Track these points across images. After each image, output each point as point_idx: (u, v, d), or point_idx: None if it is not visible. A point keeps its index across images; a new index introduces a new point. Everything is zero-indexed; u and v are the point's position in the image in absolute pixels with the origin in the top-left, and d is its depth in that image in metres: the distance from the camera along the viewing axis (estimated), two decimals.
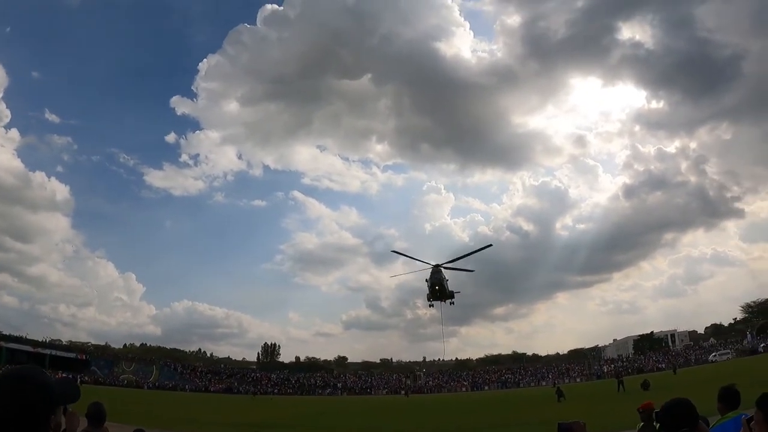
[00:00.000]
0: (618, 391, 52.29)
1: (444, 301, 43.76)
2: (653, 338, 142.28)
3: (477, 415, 44.51)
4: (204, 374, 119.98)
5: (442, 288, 42.28)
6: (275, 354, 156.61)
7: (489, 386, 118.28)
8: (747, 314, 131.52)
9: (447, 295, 43.39)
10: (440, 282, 41.89)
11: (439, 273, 41.91)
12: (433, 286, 41.95)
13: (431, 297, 43.11)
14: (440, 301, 43.86)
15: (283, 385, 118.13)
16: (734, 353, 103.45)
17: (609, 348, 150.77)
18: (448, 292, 43.38)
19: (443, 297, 43.18)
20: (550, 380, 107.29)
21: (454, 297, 44.44)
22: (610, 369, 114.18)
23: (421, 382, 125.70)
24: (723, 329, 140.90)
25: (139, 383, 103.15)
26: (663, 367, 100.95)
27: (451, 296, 43.87)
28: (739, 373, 49.25)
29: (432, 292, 42.39)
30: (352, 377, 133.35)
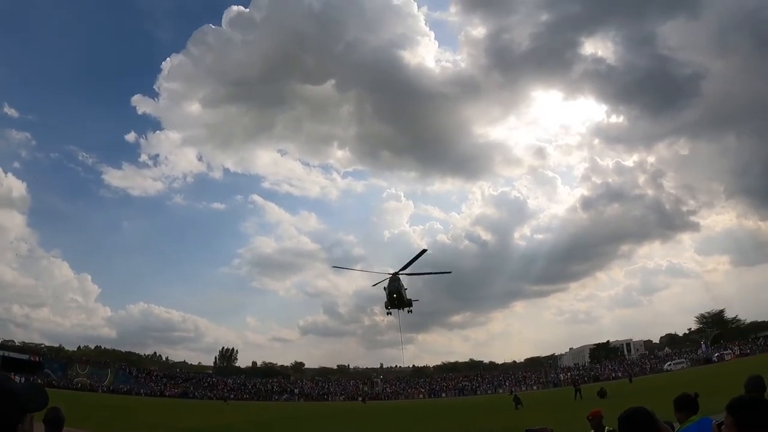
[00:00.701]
0: (575, 399, 52.85)
1: (402, 309, 43.65)
2: (609, 347, 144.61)
3: (435, 422, 44.57)
4: (159, 378, 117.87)
5: (400, 296, 42.15)
6: (232, 359, 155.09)
7: (446, 393, 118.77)
8: (701, 325, 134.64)
9: (405, 303, 43.24)
10: (398, 290, 41.78)
11: (397, 281, 41.83)
12: (391, 294, 41.81)
13: (389, 305, 42.94)
14: (398, 309, 43.77)
15: (240, 390, 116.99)
16: (689, 362, 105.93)
17: (565, 356, 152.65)
18: (406, 300, 43.25)
19: (401, 305, 43.04)
20: (507, 388, 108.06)
21: (412, 305, 44.38)
22: (566, 377, 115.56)
23: (379, 389, 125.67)
24: (678, 339, 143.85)
25: (93, 386, 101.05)
26: (619, 376, 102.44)
27: (409, 304, 43.72)
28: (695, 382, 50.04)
29: (390, 300, 42.22)
30: (309, 383, 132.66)
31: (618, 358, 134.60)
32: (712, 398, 29.21)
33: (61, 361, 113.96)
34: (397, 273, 42.01)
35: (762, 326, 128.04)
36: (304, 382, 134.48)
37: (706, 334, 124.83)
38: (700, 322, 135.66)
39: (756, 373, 6.48)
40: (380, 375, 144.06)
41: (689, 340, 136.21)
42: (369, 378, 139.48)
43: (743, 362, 79.28)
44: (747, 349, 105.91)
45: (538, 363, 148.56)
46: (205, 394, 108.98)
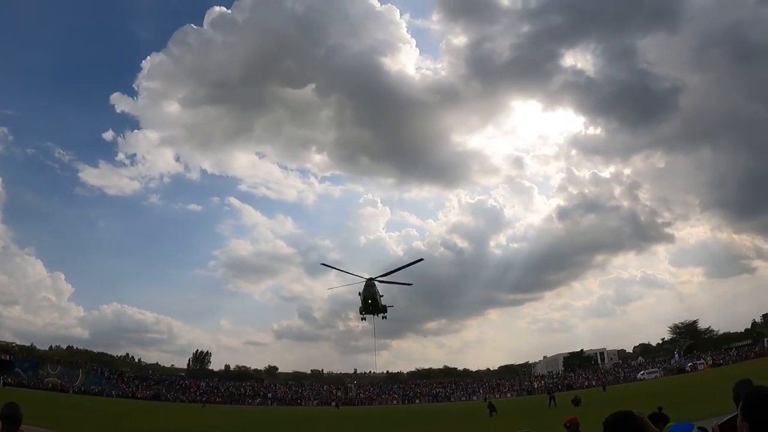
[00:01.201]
0: (549, 407, 53.04)
1: (376, 314, 43.43)
2: (583, 356, 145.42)
3: (410, 428, 44.31)
4: (131, 380, 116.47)
5: (375, 302, 42.06)
6: (205, 362, 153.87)
7: (420, 400, 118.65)
8: (675, 335, 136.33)
9: (380, 309, 43.15)
10: (373, 296, 41.69)
11: (372, 287, 41.72)
12: (366, 300, 41.70)
13: (364, 310, 42.80)
14: (373, 315, 43.52)
15: (213, 393, 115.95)
16: (662, 372, 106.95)
17: (539, 365, 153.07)
18: (381, 306, 43.14)
19: (376, 311, 42.91)
20: (481, 395, 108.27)
21: (387, 311, 44.17)
22: (540, 385, 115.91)
23: (352, 394, 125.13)
24: (651, 349, 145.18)
25: (64, 387, 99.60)
26: (593, 384, 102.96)
27: (383, 310, 43.65)
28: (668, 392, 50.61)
29: (365, 305, 42.14)
30: (282, 387, 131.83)
31: (592, 367, 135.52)
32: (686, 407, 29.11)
33: (32, 360, 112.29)
34: (372, 279, 41.82)
35: (734, 337, 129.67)
36: (278, 386, 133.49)
37: (680, 344, 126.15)
38: (674, 333, 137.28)
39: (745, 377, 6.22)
40: (354, 380, 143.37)
41: (662, 350, 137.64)
42: (343, 383, 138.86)
43: (716, 372, 79.99)
44: (720, 360, 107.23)
45: (512, 371, 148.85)
46: (177, 396, 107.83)
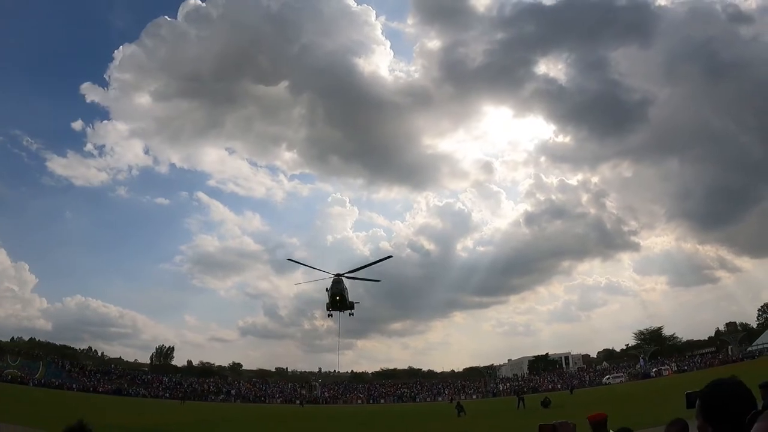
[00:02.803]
0: (518, 408, 52.93)
1: (343, 311, 42.95)
2: (548, 359, 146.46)
3: (378, 428, 43.66)
4: (93, 374, 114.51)
5: (343, 298, 41.55)
6: (169, 357, 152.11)
7: (385, 399, 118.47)
8: (639, 341, 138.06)
9: (347, 306, 42.66)
10: (341, 292, 41.21)
11: (340, 283, 41.23)
12: (334, 296, 41.20)
13: (331, 307, 42.24)
14: (339, 312, 43.01)
15: (175, 389, 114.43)
16: (627, 377, 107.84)
17: (504, 367, 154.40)
18: (349, 302, 42.60)
19: (343, 307, 42.47)
20: (447, 396, 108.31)
21: (354, 308, 43.70)
22: (506, 387, 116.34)
23: (317, 393, 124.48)
24: (615, 354, 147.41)
25: (24, 379, 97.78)
26: (558, 388, 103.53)
27: (351, 307, 43.25)
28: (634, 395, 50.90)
29: (332, 301, 41.58)
30: (246, 384, 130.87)
31: (557, 371, 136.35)
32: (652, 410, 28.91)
33: None
34: (340, 275, 41.28)
35: (698, 345, 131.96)
36: (242, 383, 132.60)
37: (644, 350, 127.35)
38: (639, 338, 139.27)
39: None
40: (319, 379, 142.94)
41: (627, 355, 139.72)
42: (307, 382, 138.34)
43: (680, 378, 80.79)
44: (684, 366, 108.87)
45: (477, 372, 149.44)
46: (139, 391, 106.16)
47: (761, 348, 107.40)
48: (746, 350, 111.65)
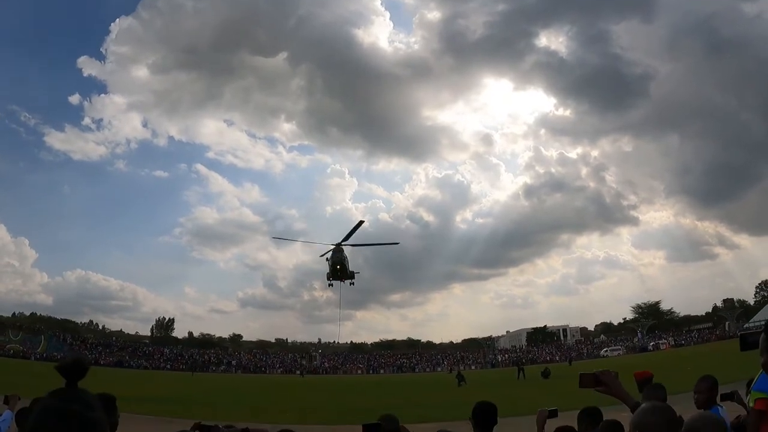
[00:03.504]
0: (518, 379, 53.49)
1: (344, 281, 43.33)
2: (546, 332, 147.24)
3: (380, 397, 43.93)
4: (94, 346, 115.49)
5: (343, 267, 41.76)
6: (169, 329, 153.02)
7: (384, 370, 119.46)
8: (637, 315, 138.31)
9: (347, 275, 42.94)
10: (341, 261, 41.37)
11: (340, 252, 41.42)
12: (334, 265, 41.37)
13: (331, 276, 42.56)
14: (340, 281, 43.43)
15: (176, 360, 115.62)
16: (625, 350, 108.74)
17: (503, 339, 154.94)
18: (349, 272, 42.93)
19: (344, 277, 42.70)
20: (446, 366, 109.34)
21: (354, 277, 44.09)
22: (504, 358, 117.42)
23: (317, 363, 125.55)
24: (613, 327, 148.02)
25: (26, 353, 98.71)
26: (557, 359, 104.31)
27: (351, 276, 43.40)
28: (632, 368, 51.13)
29: (333, 271, 41.81)
30: (247, 355, 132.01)
31: (555, 343, 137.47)
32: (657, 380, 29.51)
33: None
34: (341, 244, 41.58)
35: (695, 320, 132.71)
36: (242, 354, 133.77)
37: (642, 324, 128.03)
38: (636, 312, 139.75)
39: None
40: (318, 350, 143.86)
41: (624, 328, 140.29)
42: (307, 352, 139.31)
43: (678, 352, 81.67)
44: (681, 340, 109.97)
45: (475, 344, 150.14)
46: (140, 363, 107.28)
47: (758, 325, 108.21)
48: (743, 327, 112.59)
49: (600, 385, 4.45)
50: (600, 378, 4.45)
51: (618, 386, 4.43)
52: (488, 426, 5.85)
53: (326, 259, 42.04)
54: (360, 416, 26.28)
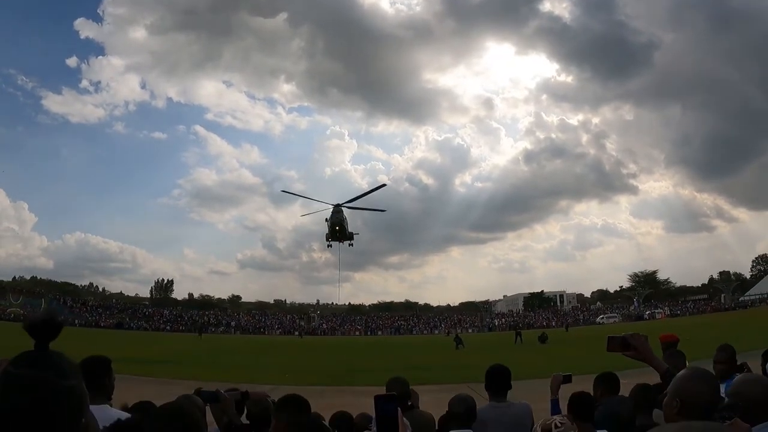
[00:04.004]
0: (515, 343, 53.72)
1: (342, 241, 43.36)
2: (543, 297, 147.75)
3: (379, 358, 43.71)
4: (94, 309, 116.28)
5: (342, 228, 41.81)
6: (168, 290, 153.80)
7: (382, 331, 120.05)
8: (633, 283, 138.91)
9: (346, 236, 42.99)
10: (340, 222, 41.43)
11: (339, 213, 41.41)
12: (333, 226, 41.44)
13: (330, 237, 42.59)
14: (339, 242, 43.45)
15: (176, 322, 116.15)
16: (621, 318, 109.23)
17: (500, 303, 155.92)
18: (348, 233, 42.95)
19: (342, 238, 42.78)
20: (443, 329, 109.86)
21: (353, 238, 44.12)
22: (501, 322, 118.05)
23: (315, 324, 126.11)
24: (609, 295, 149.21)
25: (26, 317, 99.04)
26: (553, 325, 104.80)
27: (350, 237, 43.55)
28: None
29: (332, 231, 41.85)
30: (246, 316, 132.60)
31: (551, 308, 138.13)
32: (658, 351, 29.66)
33: None
34: (340, 205, 41.52)
35: (690, 291, 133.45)
36: (241, 315, 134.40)
37: (639, 293, 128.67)
38: (633, 281, 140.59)
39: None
40: (317, 311, 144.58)
41: (620, 296, 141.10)
42: (306, 313, 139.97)
43: (674, 322, 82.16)
44: (677, 310, 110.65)
45: (472, 307, 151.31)
46: (140, 324, 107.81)
47: (753, 298, 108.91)
48: (738, 300, 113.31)
49: (628, 349, 4.27)
50: (629, 341, 4.29)
51: (648, 350, 4.26)
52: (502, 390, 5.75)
53: (325, 220, 42.05)
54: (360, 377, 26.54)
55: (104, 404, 4.42)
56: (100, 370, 4.55)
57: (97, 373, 4.49)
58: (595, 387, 6.47)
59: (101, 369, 4.57)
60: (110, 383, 4.62)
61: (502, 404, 5.56)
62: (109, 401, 4.66)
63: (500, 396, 5.67)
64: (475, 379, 23.62)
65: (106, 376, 4.56)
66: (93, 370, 4.44)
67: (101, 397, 4.42)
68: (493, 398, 5.60)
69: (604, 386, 6.43)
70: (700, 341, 11.31)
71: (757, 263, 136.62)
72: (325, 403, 18.20)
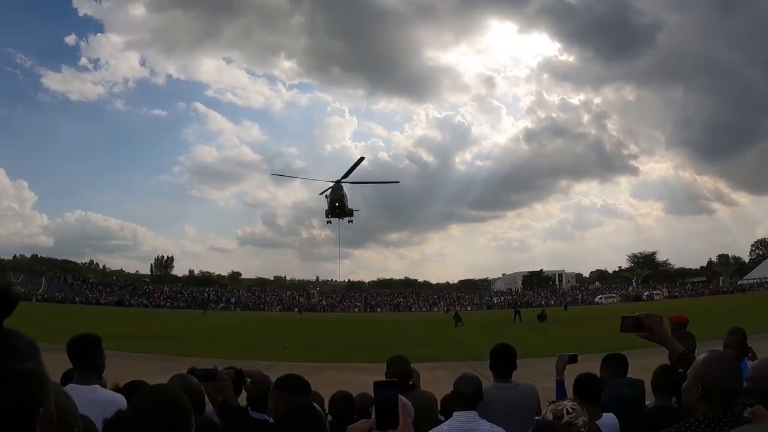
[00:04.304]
0: (514, 321, 53.69)
1: (342, 218, 43.14)
2: (542, 276, 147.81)
3: (380, 334, 43.67)
4: (95, 286, 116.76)
5: (342, 205, 41.51)
6: (169, 267, 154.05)
7: (381, 308, 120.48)
8: (633, 264, 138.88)
9: (346, 213, 42.73)
10: (340, 198, 41.09)
11: (340, 189, 41.11)
12: (333, 203, 41.12)
13: (330, 213, 42.34)
14: (338, 219, 43.24)
15: (176, 298, 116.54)
16: (619, 298, 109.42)
17: (498, 281, 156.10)
18: (348, 209, 42.70)
19: (342, 214, 42.49)
20: (442, 307, 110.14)
21: (353, 215, 43.92)
22: (500, 300, 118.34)
23: (315, 301, 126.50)
24: (607, 275, 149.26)
25: (27, 295, 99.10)
26: (552, 304, 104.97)
27: (350, 214, 43.23)
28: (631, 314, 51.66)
29: (331, 208, 41.58)
30: (246, 293, 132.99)
31: (550, 287, 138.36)
32: None
33: None
34: (340, 181, 41.22)
35: (689, 273, 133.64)
36: (241, 291, 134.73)
37: (638, 274, 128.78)
38: (632, 262, 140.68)
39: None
40: (317, 287, 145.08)
41: (619, 277, 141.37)
42: (305, 290, 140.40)
43: (672, 303, 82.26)
44: (675, 292, 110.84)
45: (471, 285, 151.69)
46: (141, 301, 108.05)
47: (752, 282, 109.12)
48: (737, 283, 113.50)
49: (642, 329, 4.11)
50: (643, 321, 4.12)
51: (663, 331, 4.09)
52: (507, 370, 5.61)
53: (325, 197, 41.83)
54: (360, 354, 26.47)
55: (95, 384, 4.27)
56: (90, 349, 4.40)
57: (88, 353, 4.34)
58: (603, 368, 6.36)
59: (91, 348, 4.41)
60: (101, 362, 4.45)
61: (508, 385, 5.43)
62: (100, 381, 4.52)
63: (505, 376, 5.53)
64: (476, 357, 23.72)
65: (97, 355, 4.39)
66: (83, 349, 4.30)
67: (92, 377, 4.28)
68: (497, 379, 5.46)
69: (612, 368, 6.30)
70: (699, 323, 11.23)
71: (756, 247, 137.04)
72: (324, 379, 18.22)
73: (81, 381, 4.21)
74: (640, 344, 4.23)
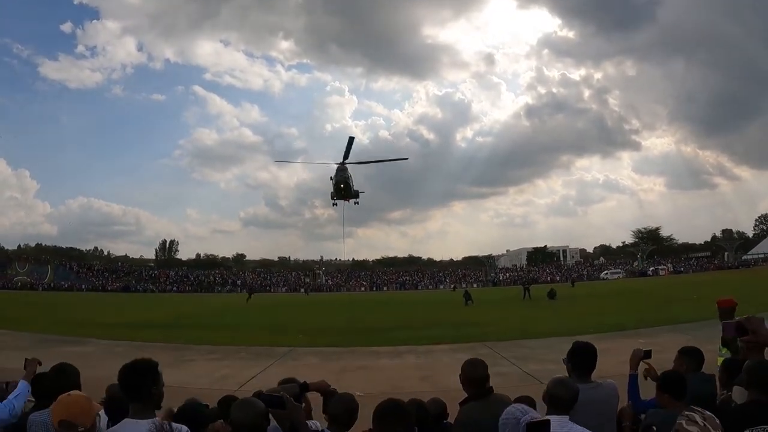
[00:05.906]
0: (524, 299, 53.35)
1: (348, 200, 42.74)
2: (546, 252, 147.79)
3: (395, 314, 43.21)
4: (100, 273, 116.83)
5: (347, 186, 41.11)
6: (173, 251, 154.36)
7: (387, 287, 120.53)
8: (637, 239, 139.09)
9: (351, 194, 42.33)
10: (345, 180, 40.67)
11: (344, 171, 40.67)
12: (338, 185, 40.67)
13: (335, 195, 41.93)
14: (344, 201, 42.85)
15: (182, 282, 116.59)
16: (624, 273, 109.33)
17: (503, 258, 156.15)
18: (353, 191, 42.29)
19: (348, 196, 42.09)
20: (448, 284, 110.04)
21: (359, 197, 43.53)
22: (505, 277, 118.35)
23: (321, 281, 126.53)
24: (611, 251, 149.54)
25: (33, 285, 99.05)
26: (557, 280, 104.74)
27: (355, 195, 42.86)
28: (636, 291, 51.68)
29: (336, 190, 41.16)
30: (251, 275, 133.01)
31: (554, 263, 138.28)
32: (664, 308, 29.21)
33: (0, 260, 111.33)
34: (344, 163, 40.75)
35: (693, 248, 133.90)
36: (246, 273, 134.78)
37: (642, 249, 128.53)
38: (636, 237, 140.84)
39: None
40: (322, 267, 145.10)
41: (623, 252, 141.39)
42: (311, 270, 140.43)
43: (677, 278, 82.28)
44: (680, 267, 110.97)
45: (475, 262, 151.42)
46: (147, 286, 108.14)
47: (756, 257, 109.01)
48: (741, 258, 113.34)
49: (745, 333, 3.75)
50: (745, 325, 3.75)
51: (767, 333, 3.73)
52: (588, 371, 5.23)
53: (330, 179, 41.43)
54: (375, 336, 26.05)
55: (151, 417, 3.76)
56: (144, 377, 3.86)
57: (143, 382, 3.82)
58: (679, 361, 5.99)
59: (146, 376, 3.86)
60: (158, 391, 3.91)
61: (590, 385, 5.03)
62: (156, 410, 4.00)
63: (586, 377, 5.13)
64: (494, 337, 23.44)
65: (153, 384, 3.86)
66: (137, 379, 3.78)
67: (148, 410, 3.77)
68: (578, 379, 5.06)
69: (689, 362, 5.93)
70: (709, 299, 11.03)
71: (760, 222, 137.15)
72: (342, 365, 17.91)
73: (138, 415, 3.71)
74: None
